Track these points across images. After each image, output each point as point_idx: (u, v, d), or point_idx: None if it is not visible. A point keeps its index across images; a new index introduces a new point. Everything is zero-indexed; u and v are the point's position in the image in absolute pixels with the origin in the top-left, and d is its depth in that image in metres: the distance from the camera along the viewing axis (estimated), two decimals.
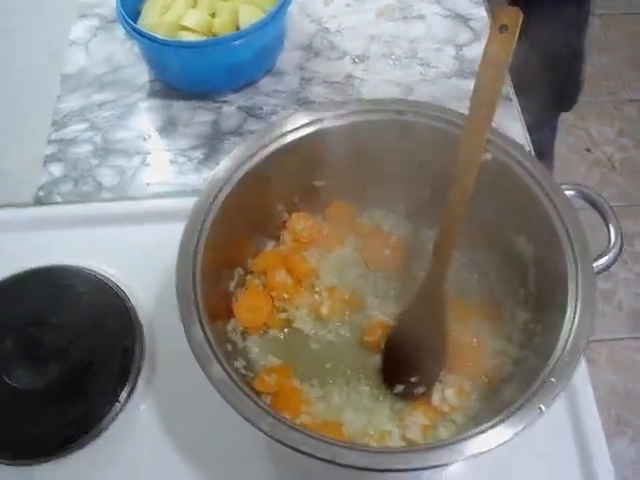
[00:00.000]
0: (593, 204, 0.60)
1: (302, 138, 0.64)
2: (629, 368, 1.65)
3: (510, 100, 0.87)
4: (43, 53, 0.95)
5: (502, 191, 0.60)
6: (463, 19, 0.96)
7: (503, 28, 0.54)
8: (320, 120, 0.64)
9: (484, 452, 0.46)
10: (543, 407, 0.47)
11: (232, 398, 0.48)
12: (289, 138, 0.63)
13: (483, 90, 0.55)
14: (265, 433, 0.47)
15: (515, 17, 0.54)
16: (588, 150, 2.09)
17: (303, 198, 0.68)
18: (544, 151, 1.58)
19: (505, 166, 0.60)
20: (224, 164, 0.61)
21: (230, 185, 0.61)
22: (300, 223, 0.68)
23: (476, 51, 0.92)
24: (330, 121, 0.64)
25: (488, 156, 0.60)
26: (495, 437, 0.47)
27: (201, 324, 0.52)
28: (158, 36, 0.80)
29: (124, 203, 0.79)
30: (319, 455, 0.45)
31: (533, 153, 0.80)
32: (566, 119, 2.11)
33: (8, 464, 0.63)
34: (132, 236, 0.76)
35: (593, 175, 2.03)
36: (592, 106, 2.18)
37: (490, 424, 0.47)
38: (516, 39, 0.54)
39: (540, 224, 0.58)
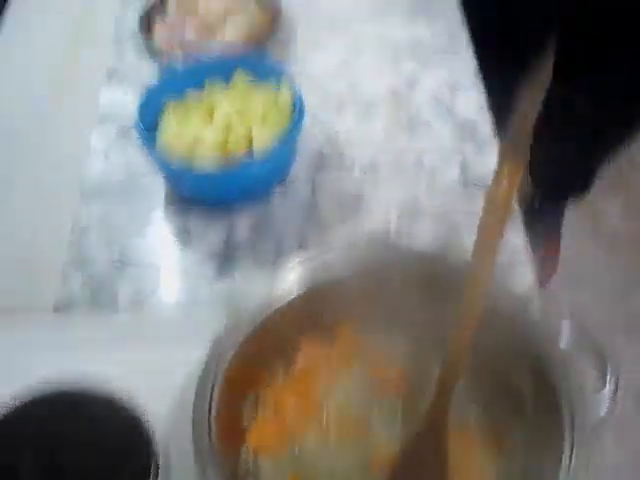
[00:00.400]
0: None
1: (308, 293, 0.68)
2: None
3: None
4: (64, 161, 0.99)
5: (502, 338, 0.63)
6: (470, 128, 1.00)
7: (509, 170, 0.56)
8: (325, 270, 0.68)
9: None
10: None
11: None
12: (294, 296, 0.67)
13: (488, 228, 0.57)
14: None
15: (515, 172, 0.57)
16: None
17: (312, 333, 0.71)
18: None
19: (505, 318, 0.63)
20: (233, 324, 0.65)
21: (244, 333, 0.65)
22: (310, 355, 0.71)
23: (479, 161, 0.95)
24: (335, 272, 0.68)
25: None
26: None
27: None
28: (175, 163, 0.84)
29: (140, 318, 0.81)
30: None
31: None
32: None
33: None
34: (147, 353, 0.77)
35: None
36: None
37: None
38: (514, 194, 0.57)
39: (538, 376, 0.61)
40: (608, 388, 0.59)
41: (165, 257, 0.87)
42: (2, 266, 0.88)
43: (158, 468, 0.70)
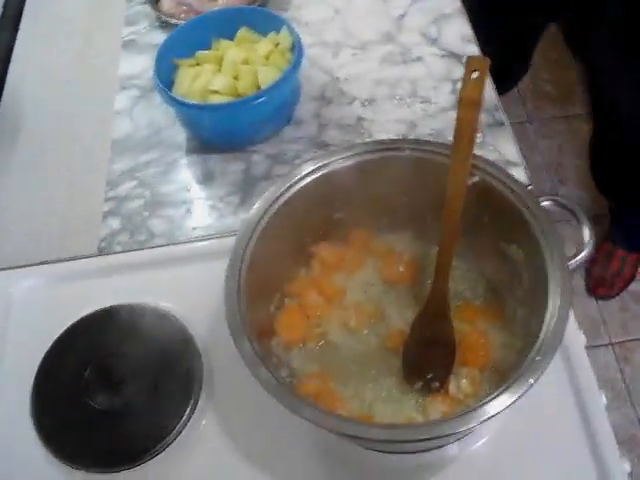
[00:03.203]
0: (567, 209, 0.70)
1: (318, 179, 0.75)
2: None
3: (503, 125, 0.99)
4: (92, 122, 1.09)
5: (491, 207, 0.71)
6: (457, 57, 1.08)
7: (475, 73, 0.66)
8: (331, 163, 0.76)
9: (488, 419, 0.56)
10: (532, 380, 0.57)
11: (278, 395, 0.60)
12: (308, 180, 0.75)
13: (463, 126, 0.66)
14: (308, 420, 0.58)
15: (483, 64, 0.66)
16: None
17: (326, 229, 0.80)
18: None
19: (490, 186, 0.71)
20: (256, 206, 0.73)
21: (263, 223, 0.72)
22: (326, 251, 0.80)
23: None
24: (339, 163, 0.76)
25: (475, 178, 0.71)
26: (496, 406, 0.57)
27: (248, 339, 0.64)
28: (191, 102, 0.94)
29: (175, 247, 0.91)
30: (351, 433, 0.57)
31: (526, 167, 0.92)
32: None
33: (97, 472, 0.75)
34: (184, 275, 0.88)
35: None
36: None
37: (490, 397, 0.57)
38: (485, 82, 0.66)
39: (524, 233, 0.68)
40: (587, 240, 0.68)
41: (192, 195, 0.97)
42: (49, 220, 0.98)
43: (202, 369, 0.81)
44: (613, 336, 1.84)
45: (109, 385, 0.80)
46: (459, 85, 1.02)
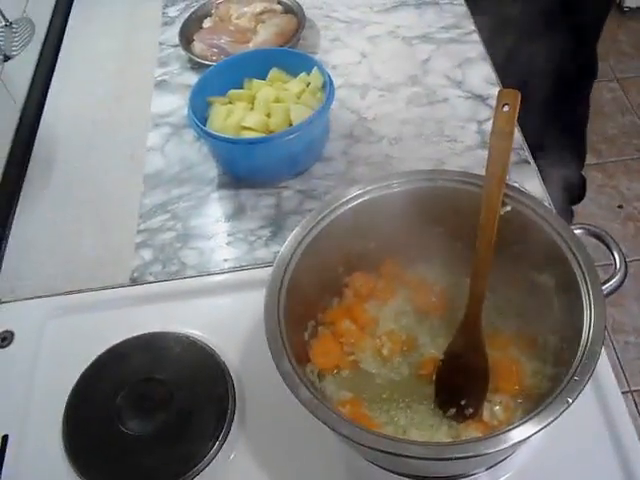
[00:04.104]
0: (598, 237, 0.72)
1: (351, 209, 0.77)
2: None
3: (528, 163, 1.01)
4: (125, 158, 1.12)
5: (522, 236, 0.73)
6: (481, 99, 1.11)
7: (505, 106, 0.68)
8: (365, 193, 0.78)
9: (526, 438, 0.57)
10: (570, 399, 0.58)
11: (320, 414, 0.60)
12: (341, 210, 0.77)
13: (496, 156, 0.68)
14: (347, 438, 0.58)
15: (514, 97, 0.68)
16: (620, 207, 2.21)
17: (359, 259, 0.81)
18: None
19: (522, 214, 0.72)
20: (290, 238, 0.74)
21: (298, 255, 0.74)
22: (359, 280, 0.81)
23: None
24: (373, 193, 0.78)
25: (508, 208, 0.72)
26: (533, 426, 0.57)
27: (288, 359, 0.64)
28: (226, 135, 0.96)
29: (207, 278, 0.93)
30: (391, 450, 0.57)
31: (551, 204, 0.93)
32: (595, 178, 2.24)
33: None
34: (216, 304, 0.90)
35: (628, 229, 2.14)
36: (620, 164, 2.31)
37: (529, 416, 0.58)
38: (517, 114, 0.68)
39: (556, 260, 0.70)
40: (618, 266, 0.69)
41: (224, 228, 0.99)
42: (82, 251, 1.00)
43: (235, 396, 0.81)
44: (633, 384, 1.83)
45: (141, 411, 0.80)
46: (485, 125, 1.07)
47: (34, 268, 0.99)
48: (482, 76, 1.15)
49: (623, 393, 1.70)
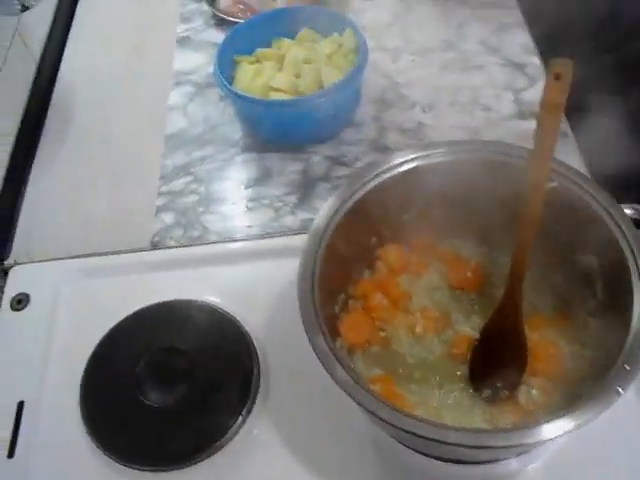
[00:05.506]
0: None
1: (391, 178, 0.73)
2: None
3: (567, 135, 0.96)
4: (145, 117, 1.08)
5: (568, 214, 0.69)
6: (519, 67, 1.06)
7: (558, 76, 0.64)
8: (404, 163, 0.74)
9: (574, 428, 0.54)
10: (620, 389, 0.55)
11: (357, 395, 0.57)
12: (381, 178, 0.73)
13: (545, 129, 0.64)
14: (384, 420, 0.55)
15: (567, 66, 0.64)
16: None
17: (392, 231, 0.78)
18: None
19: (569, 191, 0.69)
20: (329, 204, 0.71)
21: (332, 225, 0.70)
22: (392, 253, 0.78)
23: (532, 95, 1.02)
24: (411, 163, 0.74)
25: (554, 183, 0.69)
26: (580, 417, 0.54)
27: (323, 335, 0.61)
28: (253, 96, 0.92)
29: (231, 244, 0.89)
30: (432, 437, 0.55)
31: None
32: None
33: (146, 470, 0.72)
34: (240, 272, 0.86)
35: None
36: None
37: (573, 408, 0.55)
38: (568, 85, 0.64)
39: (604, 240, 0.66)
40: None
41: (248, 193, 0.95)
42: (100, 213, 0.97)
43: (259, 368, 0.78)
44: None
45: (161, 382, 0.78)
46: (522, 95, 1.02)
47: (50, 229, 0.95)
48: (519, 43, 1.10)
49: None
